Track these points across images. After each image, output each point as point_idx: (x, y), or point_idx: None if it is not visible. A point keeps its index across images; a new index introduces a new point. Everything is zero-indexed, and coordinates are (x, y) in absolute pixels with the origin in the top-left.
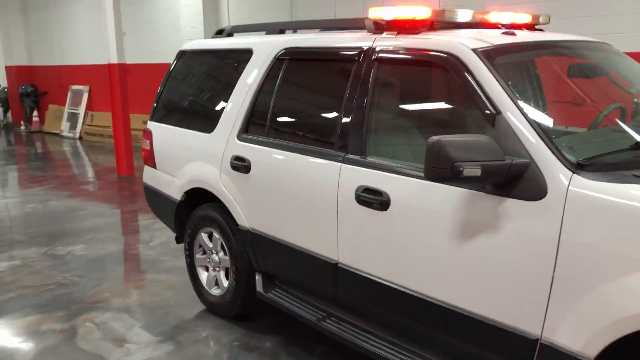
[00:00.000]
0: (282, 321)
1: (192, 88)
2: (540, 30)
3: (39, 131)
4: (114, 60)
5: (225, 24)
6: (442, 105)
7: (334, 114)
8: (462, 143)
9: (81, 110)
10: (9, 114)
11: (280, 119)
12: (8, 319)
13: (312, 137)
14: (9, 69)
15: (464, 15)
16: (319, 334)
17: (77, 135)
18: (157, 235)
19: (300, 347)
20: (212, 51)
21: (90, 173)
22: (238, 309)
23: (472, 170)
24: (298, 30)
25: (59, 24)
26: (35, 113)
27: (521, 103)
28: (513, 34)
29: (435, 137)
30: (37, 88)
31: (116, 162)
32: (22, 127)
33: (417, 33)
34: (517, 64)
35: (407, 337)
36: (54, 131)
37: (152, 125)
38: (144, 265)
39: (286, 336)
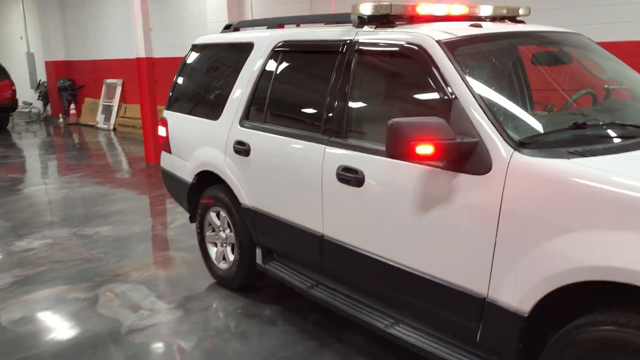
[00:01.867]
0: (282, 293)
1: (202, 79)
2: (521, 22)
3: (75, 123)
4: (142, 54)
5: (248, 18)
6: (411, 91)
7: (321, 101)
8: (416, 124)
9: (115, 102)
10: (49, 107)
11: (275, 106)
12: (39, 288)
13: (303, 122)
14: (48, 64)
15: (440, 9)
16: (314, 303)
17: (111, 127)
18: (178, 218)
19: (296, 314)
20: (220, 45)
21: (120, 162)
22: (242, 281)
23: (424, 148)
24: (302, 25)
25: (94, 20)
26: (72, 106)
27: (475, 89)
28: (479, 26)
29: (393, 119)
30: (74, 82)
31: (145, 151)
32: (60, 120)
33: (393, 26)
34: (478, 53)
35: (382, 301)
36: (90, 123)
37: (167, 114)
38: (163, 244)
39: (284, 305)
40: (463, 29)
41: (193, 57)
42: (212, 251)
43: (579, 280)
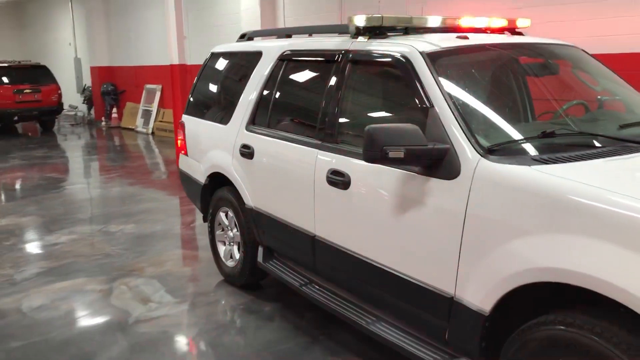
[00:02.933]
0: (284, 291)
1: (216, 85)
2: (520, 33)
3: (117, 127)
4: (175, 61)
5: (281, 26)
6: (397, 99)
7: (317, 107)
8: (391, 130)
9: (154, 107)
10: (93, 111)
11: (277, 112)
12: (60, 279)
13: (301, 127)
14: (93, 69)
15: (433, 21)
16: (311, 302)
17: (150, 131)
18: (198, 218)
19: (293, 312)
20: (233, 53)
21: (154, 164)
22: (246, 278)
23: (396, 153)
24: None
25: (135, 27)
26: (114, 110)
27: (450, 98)
28: (466, 37)
29: (370, 125)
30: (116, 87)
31: (176, 154)
32: (103, 123)
33: (385, 37)
34: (459, 64)
35: (366, 299)
36: (130, 127)
37: (185, 118)
38: (180, 243)
39: (284, 303)
40: (448, 41)
41: (210, 64)
42: (221, 249)
43: (531, 282)
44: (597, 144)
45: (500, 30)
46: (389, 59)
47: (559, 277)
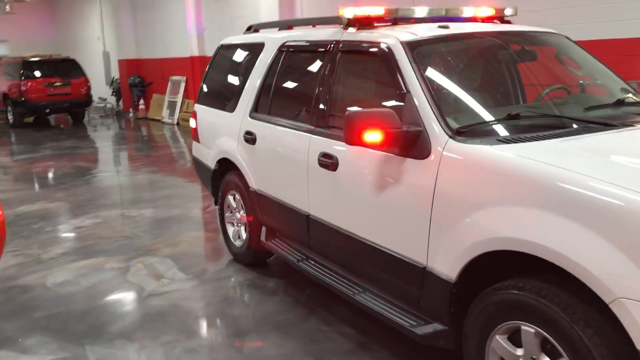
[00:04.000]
0: (288, 269)
1: (224, 75)
2: (508, 22)
3: (144, 117)
4: (195, 53)
5: (298, 17)
6: (380, 86)
7: (311, 94)
8: (368, 114)
9: (179, 98)
10: (121, 102)
11: (277, 99)
12: (82, 258)
13: (297, 113)
14: (121, 62)
15: (420, 11)
16: (313, 279)
17: (175, 121)
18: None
19: (295, 287)
20: (240, 45)
21: (177, 153)
22: (252, 257)
23: (372, 137)
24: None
25: (161, 21)
26: (141, 101)
27: (424, 84)
28: (447, 27)
29: (350, 109)
30: (143, 79)
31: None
32: (131, 114)
33: (372, 28)
34: (437, 52)
35: (353, 271)
36: (157, 117)
37: (197, 107)
38: (196, 226)
39: (287, 279)
40: (429, 30)
41: (219, 55)
42: (230, 230)
43: (489, 250)
44: (559, 125)
45: (490, 19)
46: (374, 49)
47: (510, 246)
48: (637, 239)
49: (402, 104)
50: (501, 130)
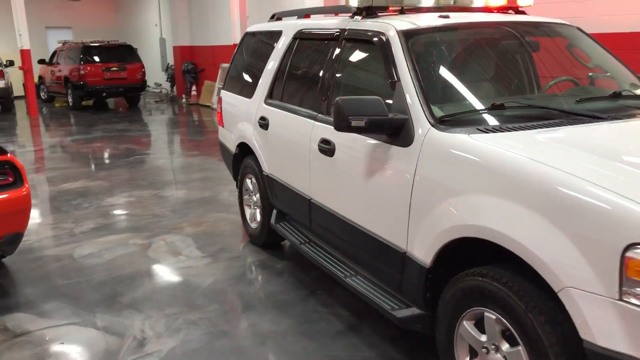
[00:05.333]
0: (298, 252)
1: (246, 62)
2: (522, 12)
3: (195, 103)
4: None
5: (343, 4)
6: (377, 73)
7: (317, 81)
8: (355, 102)
9: None
10: (175, 88)
11: (288, 86)
12: (110, 234)
13: (304, 100)
14: (175, 49)
15: (426, 1)
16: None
17: None
18: None
19: (302, 270)
20: (262, 32)
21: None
22: (265, 238)
23: (358, 122)
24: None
25: (213, 8)
26: (193, 88)
27: (414, 72)
28: (447, 17)
29: (339, 97)
30: (196, 65)
31: None
32: (183, 100)
33: (376, 17)
34: (433, 42)
35: (346, 255)
36: (207, 104)
37: (223, 94)
38: (221, 208)
39: (295, 261)
40: (428, 20)
41: (245, 43)
42: (247, 212)
43: (457, 237)
44: (545, 116)
45: (504, 9)
46: (372, 37)
47: (473, 233)
48: (585, 230)
49: (392, 91)
50: (484, 120)
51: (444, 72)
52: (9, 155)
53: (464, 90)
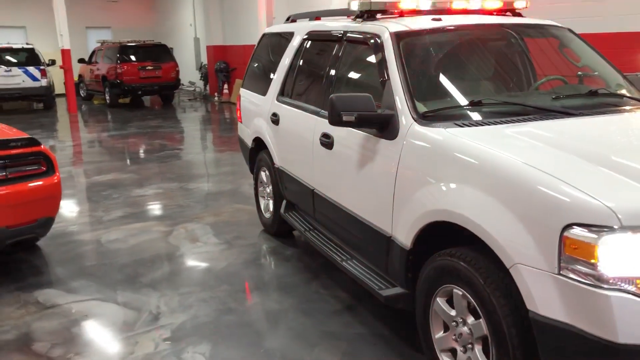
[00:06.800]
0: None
1: (262, 62)
2: (519, 14)
3: (227, 102)
4: None
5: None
6: (372, 72)
7: (321, 80)
8: (347, 98)
9: None
10: (208, 87)
11: (297, 84)
12: (136, 221)
13: (310, 97)
14: (208, 48)
15: (424, 3)
16: None
17: None
18: None
19: (309, 256)
20: (277, 34)
21: None
22: (276, 227)
23: (349, 117)
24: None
25: (245, 8)
26: (225, 86)
27: (402, 72)
28: (439, 19)
29: (333, 94)
30: (228, 64)
31: None
32: (216, 98)
33: (375, 20)
34: (424, 43)
35: (342, 240)
36: None
37: (241, 91)
38: (241, 199)
39: (303, 249)
40: (421, 22)
41: (262, 43)
42: (262, 203)
43: (432, 221)
44: (521, 112)
45: (500, 11)
46: (369, 38)
47: (444, 217)
48: (531, 212)
49: (381, 88)
50: (464, 115)
51: (430, 71)
52: (42, 147)
53: (449, 88)
